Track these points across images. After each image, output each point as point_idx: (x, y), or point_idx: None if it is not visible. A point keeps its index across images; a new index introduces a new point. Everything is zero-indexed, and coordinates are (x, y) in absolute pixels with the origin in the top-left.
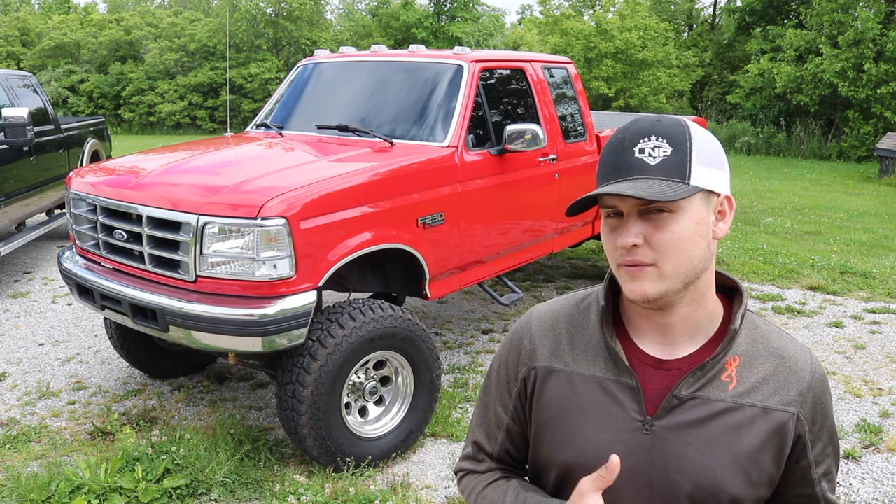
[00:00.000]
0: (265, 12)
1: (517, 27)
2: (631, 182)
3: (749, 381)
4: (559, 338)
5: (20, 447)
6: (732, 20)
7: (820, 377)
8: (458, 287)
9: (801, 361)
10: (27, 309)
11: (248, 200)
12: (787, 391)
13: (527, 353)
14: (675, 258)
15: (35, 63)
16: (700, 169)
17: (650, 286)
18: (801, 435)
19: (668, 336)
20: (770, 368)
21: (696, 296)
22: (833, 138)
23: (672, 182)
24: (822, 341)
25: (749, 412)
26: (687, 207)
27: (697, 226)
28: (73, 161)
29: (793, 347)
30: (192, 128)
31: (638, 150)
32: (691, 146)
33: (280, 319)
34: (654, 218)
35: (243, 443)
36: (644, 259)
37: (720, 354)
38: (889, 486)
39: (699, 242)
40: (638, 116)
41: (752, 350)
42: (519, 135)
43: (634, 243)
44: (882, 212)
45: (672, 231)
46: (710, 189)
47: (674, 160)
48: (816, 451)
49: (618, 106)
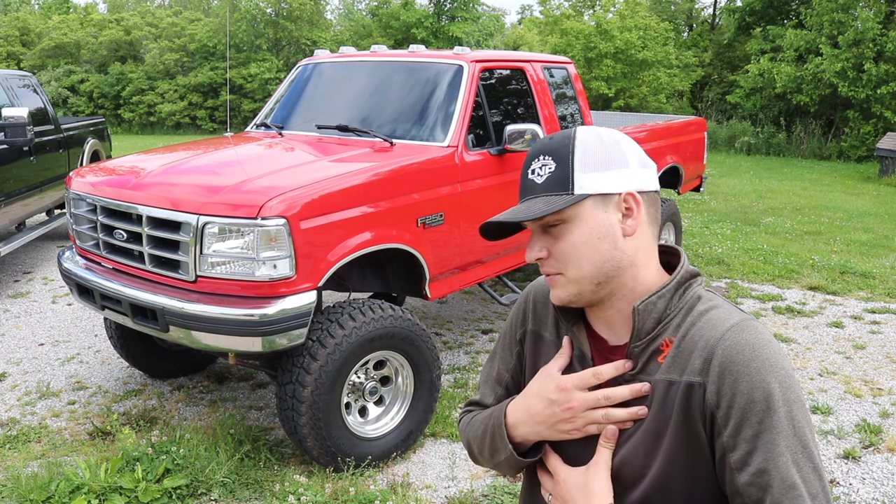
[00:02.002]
0: (265, 12)
1: (517, 27)
2: (525, 203)
3: (673, 356)
4: (550, 308)
5: (20, 447)
6: (732, 20)
7: (734, 344)
8: (458, 287)
9: (716, 329)
10: (27, 309)
11: (248, 200)
12: (694, 360)
13: (524, 317)
14: (575, 264)
15: (35, 63)
16: (584, 176)
17: (560, 292)
18: (708, 407)
19: (613, 325)
20: (690, 342)
21: (625, 291)
22: (833, 138)
23: (553, 196)
24: (822, 341)
25: (660, 388)
26: (578, 215)
27: (593, 230)
28: (73, 161)
29: (717, 316)
30: (192, 128)
31: (531, 171)
32: (573, 157)
33: (280, 319)
34: (553, 231)
35: (243, 443)
36: (551, 269)
37: (646, 337)
38: (889, 486)
39: (599, 245)
40: (544, 137)
41: (687, 329)
42: (519, 135)
43: (539, 256)
44: (882, 212)
45: (567, 240)
46: (602, 192)
47: (557, 175)
48: (728, 433)
49: (618, 106)
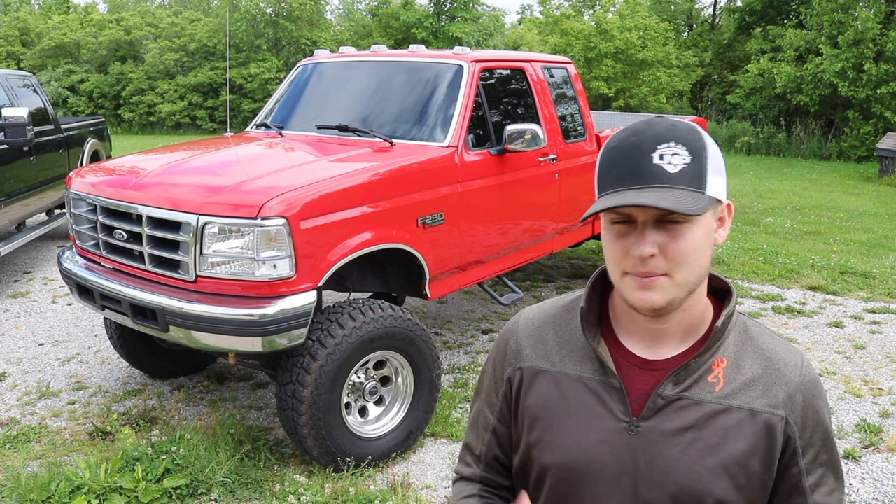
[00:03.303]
0: (265, 12)
1: (517, 27)
2: (654, 191)
3: (736, 383)
4: (546, 339)
5: (20, 447)
6: (732, 20)
7: (811, 381)
8: (458, 287)
9: (790, 364)
10: (27, 309)
11: (248, 200)
12: (774, 393)
13: (512, 354)
14: (687, 268)
15: (35, 63)
16: (713, 178)
17: (659, 296)
18: (791, 438)
19: (658, 339)
20: (758, 370)
21: (692, 302)
22: (833, 138)
23: (693, 192)
24: (822, 341)
25: (736, 414)
26: (700, 217)
27: (707, 235)
28: (73, 161)
29: (783, 350)
30: (192, 128)
31: (658, 156)
32: (707, 154)
33: (280, 319)
34: (671, 228)
35: (243, 443)
36: (657, 269)
37: (704, 354)
38: (889, 486)
39: (707, 251)
40: (647, 119)
41: (741, 352)
42: (519, 135)
43: (652, 253)
44: (882, 212)
45: (687, 241)
46: (720, 198)
47: (692, 169)
48: (808, 459)
49: (618, 106)
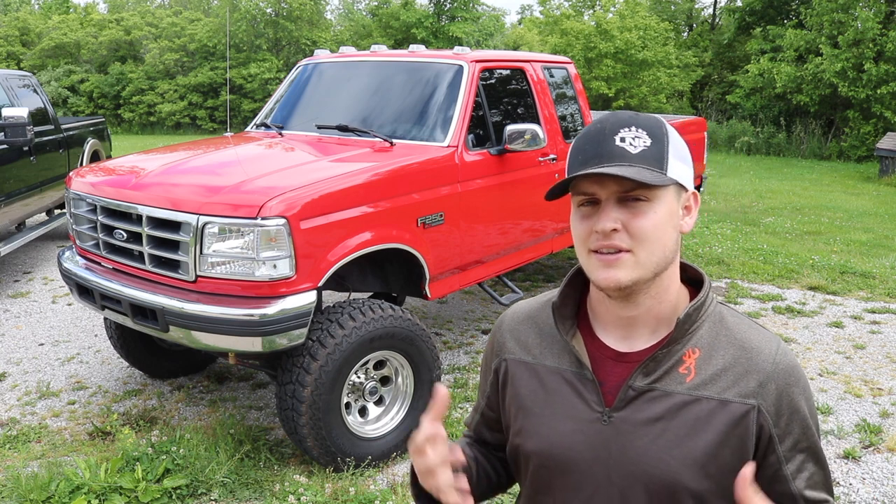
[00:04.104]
0: (265, 12)
1: (517, 27)
2: (615, 167)
3: (707, 373)
4: (528, 333)
5: (20, 447)
6: (732, 20)
7: (785, 369)
8: (458, 287)
9: (763, 352)
10: (27, 309)
11: (248, 200)
12: (745, 382)
13: (498, 346)
14: (650, 245)
15: (35, 63)
16: (675, 162)
17: (624, 273)
18: (764, 427)
19: (631, 329)
20: (730, 359)
21: (660, 288)
22: (833, 138)
23: (653, 171)
24: (822, 341)
25: (706, 405)
26: (662, 197)
27: (670, 216)
28: (73, 161)
29: (757, 338)
30: (192, 128)
31: (619, 138)
32: (668, 139)
33: (280, 319)
34: (632, 206)
35: (243, 443)
36: (621, 244)
37: (672, 345)
38: (889, 486)
39: (671, 233)
40: (614, 111)
41: (715, 342)
42: (519, 135)
43: (614, 227)
44: (882, 212)
45: (649, 218)
46: (682, 183)
47: (653, 150)
48: (786, 447)
49: (618, 106)
